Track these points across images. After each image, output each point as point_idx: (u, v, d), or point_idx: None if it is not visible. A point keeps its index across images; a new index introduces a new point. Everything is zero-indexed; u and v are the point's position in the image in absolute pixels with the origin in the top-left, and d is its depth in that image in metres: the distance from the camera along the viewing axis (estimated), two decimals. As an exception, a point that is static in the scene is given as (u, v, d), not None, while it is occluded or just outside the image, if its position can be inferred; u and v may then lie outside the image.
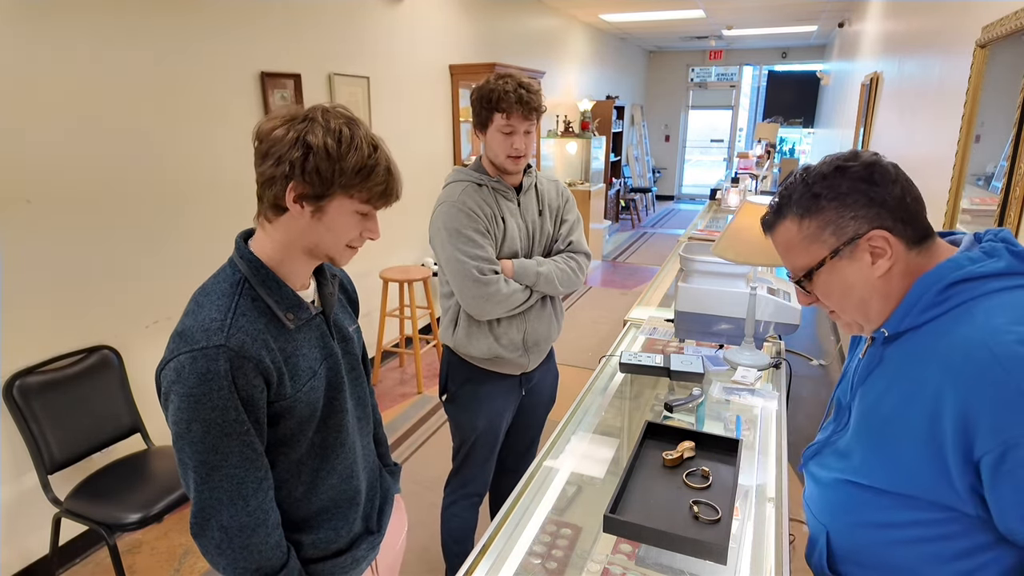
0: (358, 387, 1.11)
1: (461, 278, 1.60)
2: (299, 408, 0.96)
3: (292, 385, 0.94)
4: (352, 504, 1.07)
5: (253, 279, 0.94)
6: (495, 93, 1.55)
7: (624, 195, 9.35)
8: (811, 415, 3.44)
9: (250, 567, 0.92)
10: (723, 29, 8.17)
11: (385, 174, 0.94)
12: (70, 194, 2.19)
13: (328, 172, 0.89)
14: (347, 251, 1.01)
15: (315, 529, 1.03)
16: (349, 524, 1.07)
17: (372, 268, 3.90)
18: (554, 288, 1.71)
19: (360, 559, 1.10)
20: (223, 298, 0.92)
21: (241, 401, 0.88)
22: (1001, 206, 1.58)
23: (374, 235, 1.01)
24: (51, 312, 2.18)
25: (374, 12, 3.68)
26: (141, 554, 2.35)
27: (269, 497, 0.94)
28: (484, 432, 1.82)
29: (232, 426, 0.87)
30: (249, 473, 0.90)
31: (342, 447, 1.04)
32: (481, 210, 1.62)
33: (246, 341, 0.89)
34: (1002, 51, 1.76)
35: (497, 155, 1.63)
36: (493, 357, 1.74)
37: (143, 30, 2.38)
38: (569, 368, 4.02)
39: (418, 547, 2.35)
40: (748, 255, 1.74)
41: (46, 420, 2.07)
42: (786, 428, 1.59)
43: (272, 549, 0.94)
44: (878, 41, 4.40)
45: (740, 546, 1.18)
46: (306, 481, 1.01)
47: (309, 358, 0.98)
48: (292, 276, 0.99)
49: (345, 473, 1.05)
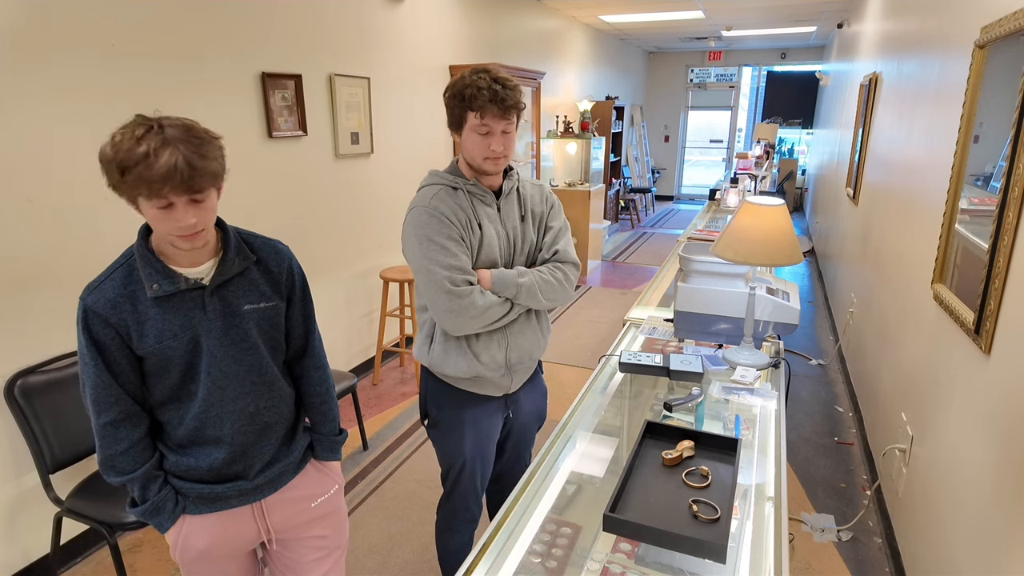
0: (247, 355, 1.25)
1: (432, 289, 1.47)
2: (154, 359, 1.18)
3: (142, 341, 1.15)
4: (215, 446, 1.26)
5: (137, 254, 1.17)
6: (468, 90, 1.42)
7: (624, 195, 9.35)
8: (810, 414, 3.45)
9: (106, 462, 1.20)
10: (722, 30, 8.18)
11: (142, 172, 1.01)
12: (71, 192, 2.20)
13: (111, 182, 1.05)
14: (180, 239, 1.12)
15: (179, 453, 1.26)
16: (211, 461, 1.25)
17: (372, 268, 3.91)
18: (537, 301, 1.56)
19: (222, 496, 1.28)
20: (111, 266, 1.18)
21: (94, 342, 1.14)
22: (1000, 206, 1.58)
23: (181, 223, 1.09)
24: (52, 311, 2.18)
25: (374, 12, 3.68)
26: (142, 553, 2.36)
27: (121, 418, 1.18)
28: (472, 458, 1.70)
29: (86, 358, 1.15)
30: (101, 395, 1.16)
31: (196, 399, 1.23)
32: (455, 215, 1.49)
33: (99, 300, 1.13)
34: (1001, 52, 1.76)
35: (474, 157, 1.50)
36: (472, 377, 1.60)
37: (144, 31, 2.38)
38: (569, 368, 4.02)
39: (418, 546, 2.35)
40: (747, 255, 1.75)
41: (47, 419, 2.07)
42: (785, 427, 1.59)
43: (121, 455, 1.19)
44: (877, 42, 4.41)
45: (739, 545, 1.18)
46: (173, 415, 1.24)
47: (170, 323, 1.17)
48: (175, 257, 1.17)
49: (203, 420, 1.23)
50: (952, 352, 1.92)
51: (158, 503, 1.23)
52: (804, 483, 2.80)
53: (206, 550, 1.29)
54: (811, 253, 7.22)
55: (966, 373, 1.78)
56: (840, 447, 3.12)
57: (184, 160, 1.03)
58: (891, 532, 2.38)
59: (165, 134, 1.03)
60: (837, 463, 2.97)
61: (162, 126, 1.04)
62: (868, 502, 2.66)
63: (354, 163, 3.64)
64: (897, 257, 2.87)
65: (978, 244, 1.77)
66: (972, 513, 1.63)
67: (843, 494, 2.73)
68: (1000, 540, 1.45)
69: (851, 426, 3.33)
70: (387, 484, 2.73)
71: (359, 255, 3.80)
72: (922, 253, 2.39)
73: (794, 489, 2.76)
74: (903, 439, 2.34)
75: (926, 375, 2.17)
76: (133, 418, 1.20)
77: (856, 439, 3.19)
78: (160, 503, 1.23)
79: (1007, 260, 1.54)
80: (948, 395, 1.91)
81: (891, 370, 2.69)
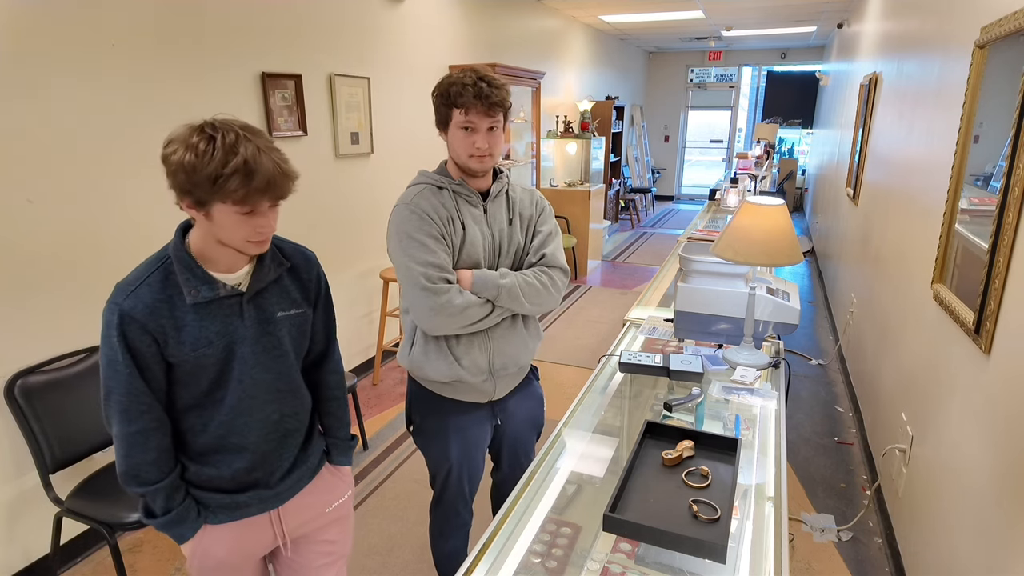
0: (277, 362, 1.23)
1: (409, 286, 1.46)
2: (187, 366, 1.14)
3: (179, 348, 1.12)
4: (238, 455, 1.23)
5: (174, 258, 1.12)
6: (453, 88, 1.43)
7: (624, 195, 9.35)
8: (810, 414, 3.45)
9: (130, 472, 1.14)
10: (722, 30, 8.18)
11: (242, 179, 1.02)
12: (71, 192, 2.20)
13: (190, 185, 1.02)
14: (249, 245, 1.12)
15: (200, 462, 1.22)
16: (232, 470, 1.23)
17: (372, 268, 3.91)
18: (520, 304, 1.52)
19: (243, 504, 1.25)
20: (144, 268, 1.12)
21: (129, 349, 1.08)
22: (1000, 206, 1.58)
23: (265, 229, 1.11)
24: (53, 311, 2.18)
25: (374, 12, 3.68)
26: (142, 553, 2.36)
27: (152, 427, 1.14)
28: (459, 464, 1.67)
29: (119, 365, 1.09)
30: (132, 402, 1.11)
31: (223, 406, 1.19)
32: (436, 213, 1.48)
33: (137, 306, 1.08)
34: (1001, 52, 1.76)
35: (459, 155, 1.49)
36: (453, 381, 1.57)
37: (144, 31, 2.38)
38: (569, 368, 4.03)
39: (418, 546, 2.35)
40: (747, 255, 1.75)
41: (47, 419, 2.07)
42: (785, 427, 1.60)
43: (148, 465, 1.14)
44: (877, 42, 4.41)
45: (739, 545, 1.18)
46: (196, 423, 1.20)
47: (206, 329, 1.13)
48: (214, 262, 1.14)
49: (229, 428, 1.20)
50: (952, 352, 1.92)
51: (182, 513, 1.20)
52: (804, 483, 2.80)
53: (225, 558, 1.27)
54: (811, 253, 7.22)
55: (966, 373, 1.78)
56: (840, 447, 3.12)
57: (277, 167, 1.05)
58: (891, 532, 2.38)
59: (255, 142, 1.03)
60: (837, 463, 2.97)
61: (238, 133, 1.03)
62: (868, 502, 2.66)
63: (354, 163, 3.64)
64: (897, 257, 2.87)
65: (978, 244, 1.77)
66: (972, 513, 1.63)
67: (843, 494, 2.73)
68: (1001, 540, 1.45)
69: (851, 426, 3.33)
70: (387, 484, 2.73)
71: (359, 255, 3.80)
72: (922, 253, 2.39)
73: (794, 489, 2.76)
74: (903, 439, 2.34)
75: (926, 375, 2.17)
76: (163, 426, 1.17)
77: (856, 439, 3.19)
78: (184, 513, 1.20)
79: (1007, 260, 1.55)
80: (948, 395, 1.92)
81: (891, 370, 2.69)
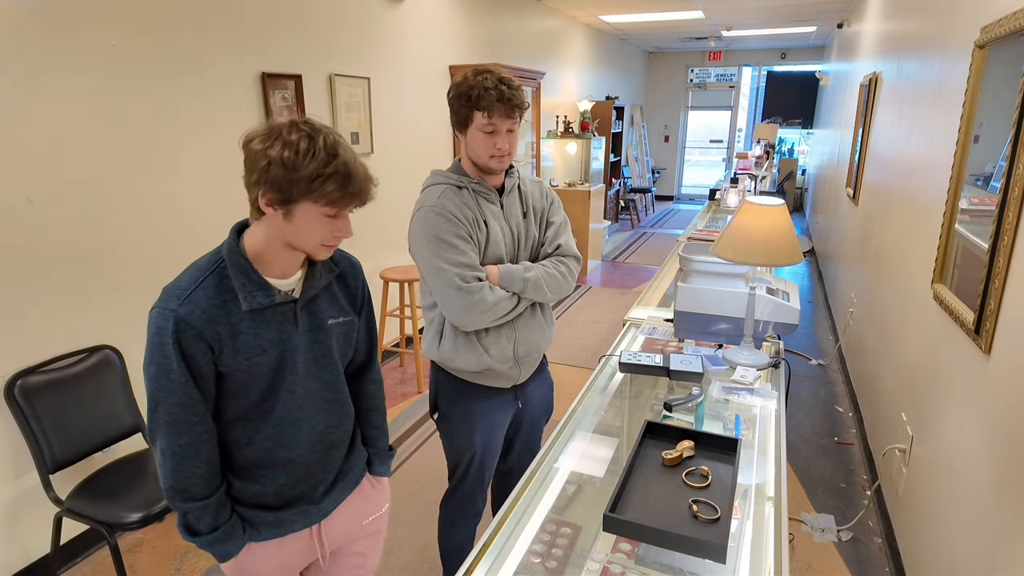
0: (326, 371, 1.20)
1: (443, 287, 1.51)
2: (239, 375, 1.09)
3: (233, 356, 1.07)
4: (283, 469, 1.18)
5: (229, 262, 1.07)
6: (475, 91, 1.47)
7: (624, 195, 9.35)
8: (810, 414, 3.45)
9: (177, 487, 1.08)
10: (722, 30, 8.18)
11: (341, 181, 1.01)
12: (71, 192, 2.20)
13: (285, 181, 1.00)
14: (322, 248, 1.10)
15: (244, 478, 1.17)
16: (277, 485, 1.18)
17: (373, 268, 3.91)
18: (543, 294, 1.62)
19: (288, 521, 1.21)
20: (196, 271, 1.07)
21: (184, 357, 1.03)
22: (1000, 206, 1.58)
23: (344, 234, 1.09)
24: (53, 311, 2.18)
25: (374, 13, 3.68)
26: (142, 553, 2.36)
27: (203, 439, 1.08)
28: (481, 450, 1.73)
29: (173, 374, 1.03)
30: (185, 413, 1.05)
31: (271, 418, 1.15)
32: (462, 214, 1.53)
33: (194, 312, 1.03)
34: (1001, 52, 1.76)
35: (479, 155, 1.54)
36: (483, 370, 1.64)
37: (144, 31, 2.38)
38: (569, 368, 4.02)
39: (418, 545, 2.35)
40: (747, 255, 1.75)
41: (47, 420, 2.07)
42: (785, 427, 1.60)
43: (198, 479, 1.09)
44: (877, 42, 4.41)
45: (739, 545, 1.18)
46: (242, 435, 1.15)
47: (260, 337, 1.09)
48: (271, 266, 1.11)
49: (276, 440, 1.16)
50: (952, 352, 1.92)
51: (228, 530, 1.14)
52: (804, 483, 2.80)
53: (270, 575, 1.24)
54: (811, 253, 7.22)
55: (966, 373, 1.78)
56: (840, 447, 3.12)
57: (367, 173, 1.06)
58: (891, 532, 2.38)
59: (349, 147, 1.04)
60: (837, 463, 2.97)
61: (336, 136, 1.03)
62: (868, 502, 2.66)
63: (354, 163, 3.64)
64: (897, 257, 2.87)
65: (978, 244, 1.77)
66: (972, 513, 1.63)
67: (843, 494, 2.73)
68: (1001, 539, 1.45)
69: (851, 426, 3.33)
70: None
71: (359, 255, 3.77)
72: (922, 253, 2.39)
73: (794, 489, 2.76)
74: (903, 439, 2.34)
75: (926, 375, 2.17)
76: (213, 439, 1.11)
77: (856, 439, 3.19)
78: (230, 530, 1.14)
79: (1007, 260, 1.55)
80: (948, 395, 1.92)
81: (891, 370, 2.69)
